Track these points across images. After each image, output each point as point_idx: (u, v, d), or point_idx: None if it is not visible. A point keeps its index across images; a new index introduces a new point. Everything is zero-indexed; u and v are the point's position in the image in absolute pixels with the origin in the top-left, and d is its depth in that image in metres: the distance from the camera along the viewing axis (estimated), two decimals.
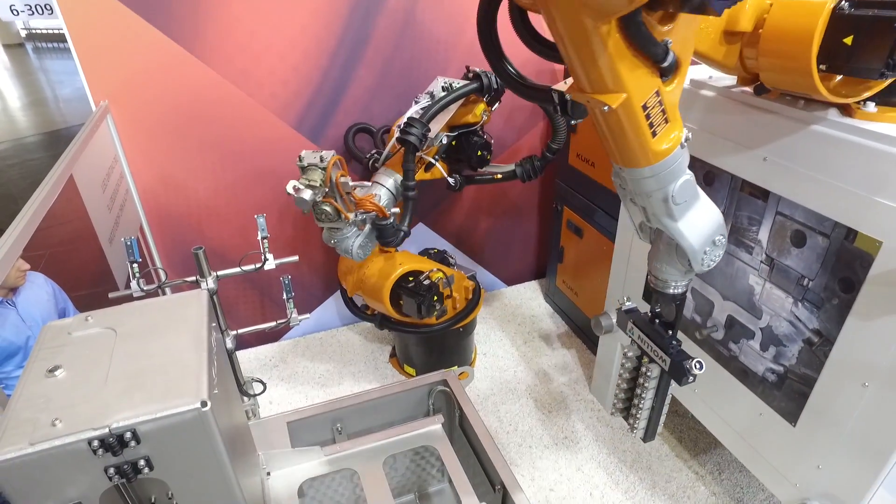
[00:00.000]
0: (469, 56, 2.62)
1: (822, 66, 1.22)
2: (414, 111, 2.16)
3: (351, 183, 1.94)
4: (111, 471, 0.88)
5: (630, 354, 1.53)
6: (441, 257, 2.73)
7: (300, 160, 1.87)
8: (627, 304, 1.55)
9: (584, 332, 3.03)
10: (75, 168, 1.85)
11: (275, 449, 1.64)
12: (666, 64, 0.97)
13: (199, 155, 2.49)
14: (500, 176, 2.45)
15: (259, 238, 1.81)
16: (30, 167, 5.91)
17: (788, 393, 1.61)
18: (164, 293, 1.69)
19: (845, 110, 1.35)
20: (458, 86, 2.19)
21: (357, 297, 2.59)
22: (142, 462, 0.90)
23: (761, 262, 1.61)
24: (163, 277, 1.77)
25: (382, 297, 2.36)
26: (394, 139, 2.15)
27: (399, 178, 2.19)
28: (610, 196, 2.53)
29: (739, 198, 1.63)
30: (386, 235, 2.10)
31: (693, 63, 1.17)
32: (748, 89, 1.54)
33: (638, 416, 1.58)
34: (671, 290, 1.37)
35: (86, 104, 2.25)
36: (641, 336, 1.47)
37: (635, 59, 0.95)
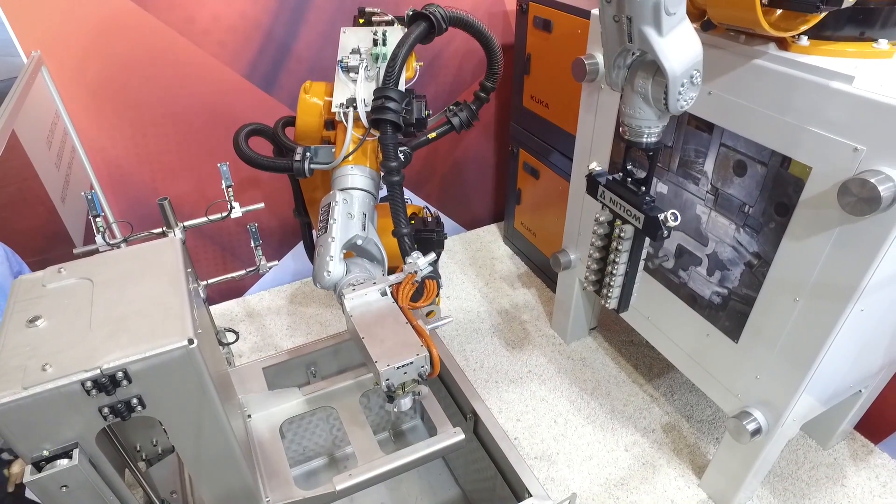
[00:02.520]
0: None
1: (764, 1, 1.28)
2: (363, 80, 1.75)
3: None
4: (105, 410, 0.92)
5: (602, 220, 1.51)
6: None
7: (390, 386, 1.33)
8: (597, 168, 1.49)
9: (543, 271, 3.15)
10: (17, 124, 1.77)
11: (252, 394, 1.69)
12: None
13: (146, 108, 2.41)
14: (434, 135, 2.05)
15: (224, 187, 1.80)
16: None
17: (731, 313, 1.75)
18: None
19: (782, 44, 1.44)
20: (392, 35, 1.75)
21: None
22: (134, 401, 0.94)
23: (707, 192, 1.72)
24: (117, 234, 1.75)
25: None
26: (349, 130, 1.74)
27: (371, 171, 1.79)
28: (565, 137, 2.60)
29: (686, 131, 1.72)
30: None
31: None
32: (695, 26, 1.60)
33: (612, 283, 1.57)
34: (644, 139, 1.32)
35: (3, 56, 2.12)
36: (613, 198, 1.42)
37: None
